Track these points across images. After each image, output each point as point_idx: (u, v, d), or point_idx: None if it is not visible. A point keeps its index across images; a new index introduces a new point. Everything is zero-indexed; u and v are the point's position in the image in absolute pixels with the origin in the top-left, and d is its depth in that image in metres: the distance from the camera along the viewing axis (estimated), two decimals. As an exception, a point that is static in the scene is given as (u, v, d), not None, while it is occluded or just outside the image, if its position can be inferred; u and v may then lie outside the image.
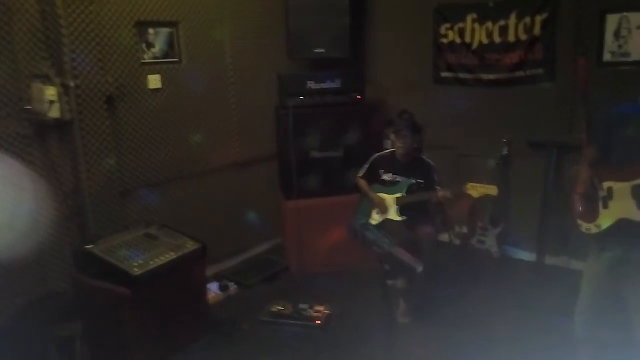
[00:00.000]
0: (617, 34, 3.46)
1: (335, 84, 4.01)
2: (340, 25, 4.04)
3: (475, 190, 3.12)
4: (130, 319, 2.76)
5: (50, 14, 2.89)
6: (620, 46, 3.45)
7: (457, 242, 4.25)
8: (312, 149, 3.98)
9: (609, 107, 2.42)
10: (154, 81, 3.42)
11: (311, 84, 3.98)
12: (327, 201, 3.94)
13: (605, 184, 2.20)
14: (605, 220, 2.20)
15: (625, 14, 3.39)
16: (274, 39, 4.15)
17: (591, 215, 2.25)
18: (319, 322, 3.25)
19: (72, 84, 2.98)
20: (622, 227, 2.14)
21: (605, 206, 2.20)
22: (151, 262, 2.85)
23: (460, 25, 4.11)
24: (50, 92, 2.88)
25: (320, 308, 3.37)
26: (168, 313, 2.92)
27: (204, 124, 3.77)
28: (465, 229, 4.27)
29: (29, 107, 2.86)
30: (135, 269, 2.78)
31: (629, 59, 3.42)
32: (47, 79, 2.90)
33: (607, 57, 3.51)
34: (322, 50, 4.07)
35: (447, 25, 4.19)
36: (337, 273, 3.78)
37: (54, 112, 2.91)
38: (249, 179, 4.19)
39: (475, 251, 4.06)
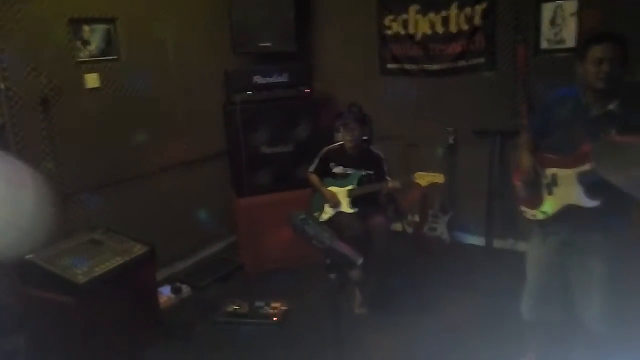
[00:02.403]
0: (552, 22, 3.58)
1: (282, 78, 3.97)
2: (286, 18, 4.00)
3: (423, 179, 3.18)
4: (77, 328, 2.64)
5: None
6: (556, 34, 3.58)
7: (409, 230, 4.31)
8: (262, 144, 3.94)
9: (545, 93, 2.49)
10: (91, 80, 3.28)
11: (258, 79, 3.92)
12: (279, 197, 3.90)
13: (549, 171, 2.22)
14: (551, 206, 2.23)
15: (559, 2, 3.52)
16: (219, 33, 4.06)
17: (536, 202, 2.28)
18: (276, 319, 3.23)
19: (2, 86, 2.82)
20: (568, 212, 2.16)
21: (550, 193, 2.23)
22: (97, 269, 2.74)
23: (404, 16, 4.16)
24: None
25: (277, 305, 3.34)
26: (117, 320, 2.81)
27: (148, 123, 3.64)
28: (417, 218, 4.35)
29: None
30: (80, 277, 2.66)
31: (564, 46, 3.55)
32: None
33: (544, 44, 3.63)
34: (268, 45, 4.03)
35: (391, 16, 4.23)
36: (292, 269, 3.76)
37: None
38: (199, 177, 4.10)
39: (427, 239, 4.14)
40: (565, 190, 2.16)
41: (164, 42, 3.72)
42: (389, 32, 4.28)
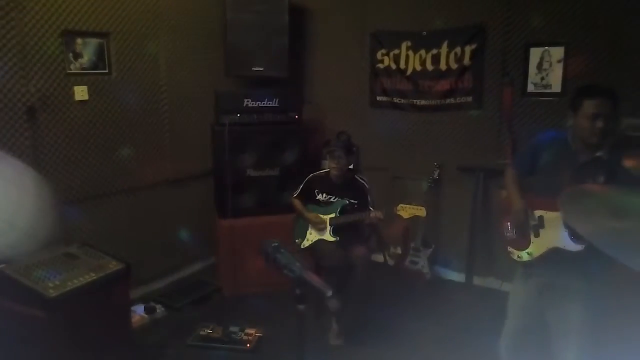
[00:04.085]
0: (539, 67, 3.68)
1: (273, 103, 3.99)
2: (280, 45, 4.05)
3: (405, 211, 3.19)
4: (47, 345, 2.56)
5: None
6: (542, 78, 3.68)
7: (391, 262, 4.30)
8: (248, 167, 3.93)
9: (531, 135, 2.52)
10: (80, 92, 3.26)
11: (248, 102, 3.94)
12: (262, 220, 3.88)
13: (537, 213, 2.22)
14: (537, 248, 2.22)
15: (547, 48, 3.62)
16: (212, 54, 4.10)
17: (522, 243, 2.28)
18: (249, 345, 3.17)
19: (-11, 92, 2.80)
20: (552, 255, 2.16)
21: (537, 235, 2.22)
22: (69, 283, 2.66)
23: (396, 51, 4.24)
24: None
25: (251, 331, 3.28)
26: (88, 337, 2.72)
27: (134, 139, 3.63)
28: (399, 250, 4.34)
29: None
30: (51, 291, 2.59)
31: (550, 90, 3.64)
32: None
33: (530, 87, 3.72)
34: (260, 69, 4.06)
35: (383, 51, 4.31)
36: (270, 294, 3.70)
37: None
38: (182, 196, 4.06)
39: (408, 272, 4.13)
40: (551, 233, 2.16)
41: (156, 59, 3.74)
42: (380, 65, 4.35)
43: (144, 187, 3.75)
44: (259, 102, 3.97)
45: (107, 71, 3.41)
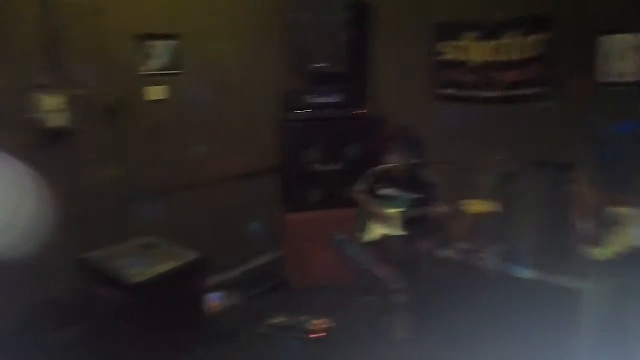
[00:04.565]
0: (613, 55, 3.50)
1: (336, 99, 4.07)
2: (341, 40, 4.10)
3: (472, 206, 3.15)
4: (128, 327, 2.77)
5: (52, 25, 2.96)
6: (616, 67, 3.50)
7: (457, 258, 4.25)
8: (313, 162, 4.02)
9: (606, 127, 2.42)
10: (155, 92, 3.49)
11: (313, 98, 4.03)
12: (328, 214, 3.96)
13: (614, 209, 2.14)
14: (613, 246, 2.14)
15: (620, 35, 3.45)
16: (276, 52, 4.21)
17: (597, 240, 2.19)
18: (319, 335, 3.24)
19: (73, 94, 3.04)
20: (629, 254, 2.08)
21: (613, 232, 2.13)
22: (150, 271, 2.88)
23: (460, 42, 4.17)
24: (51, 102, 2.94)
25: (320, 322, 3.35)
26: (166, 322, 2.93)
27: (206, 136, 3.82)
28: (466, 246, 4.28)
29: (31, 117, 2.91)
30: (134, 277, 2.80)
31: (625, 80, 3.46)
32: (48, 89, 2.96)
33: (604, 77, 3.55)
34: (323, 65, 4.13)
35: (447, 42, 4.25)
36: (336, 287, 3.77)
37: (55, 122, 2.97)
38: (251, 190, 4.22)
39: (475, 268, 4.06)
40: (629, 231, 2.07)
41: (224, 58, 3.91)
42: (443, 57, 4.30)
43: (215, 182, 3.93)
44: (323, 98, 4.06)
45: (178, 72, 3.61)
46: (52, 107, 2.92)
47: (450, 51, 4.25)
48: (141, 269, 2.87)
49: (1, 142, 2.77)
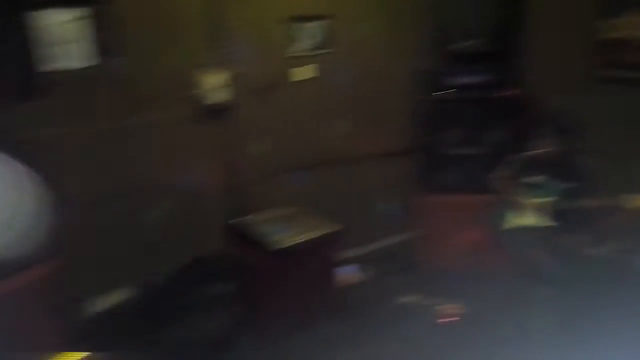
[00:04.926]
0: None
1: (482, 79, 3.88)
2: (491, 17, 3.89)
3: (633, 202, 2.84)
4: (271, 288, 3.01)
5: (214, 8, 3.24)
6: None
7: (611, 257, 3.86)
8: (453, 144, 3.91)
9: None
10: (303, 72, 3.66)
11: (456, 78, 3.90)
12: (464, 199, 3.84)
13: None
14: None
15: None
16: (420, 31, 4.14)
17: None
18: (450, 320, 3.21)
19: (231, 73, 3.31)
20: None
21: None
22: (293, 239, 3.07)
23: (627, 19, 3.71)
24: (214, 79, 3.24)
25: (452, 306, 3.32)
26: (303, 288, 3.12)
27: (349, 114, 3.92)
28: (621, 244, 3.87)
29: (195, 93, 3.24)
30: (277, 244, 3.02)
31: None
32: (212, 68, 3.26)
33: None
34: (470, 43, 3.96)
35: (613, 19, 3.81)
36: (468, 272, 3.68)
37: (216, 98, 3.27)
38: (387, 170, 4.25)
39: (630, 269, 3.66)
40: None
41: (369, 38, 3.94)
42: (607, 35, 3.86)
43: (354, 159, 4.03)
44: (468, 78, 3.90)
45: (327, 51, 3.74)
46: (212, 85, 3.22)
47: (615, 28, 3.81)
48: (284, 236, 3.08)
49: (168, 116, 3.17)
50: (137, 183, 3.09)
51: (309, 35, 3.66)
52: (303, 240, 3.09)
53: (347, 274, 3.76)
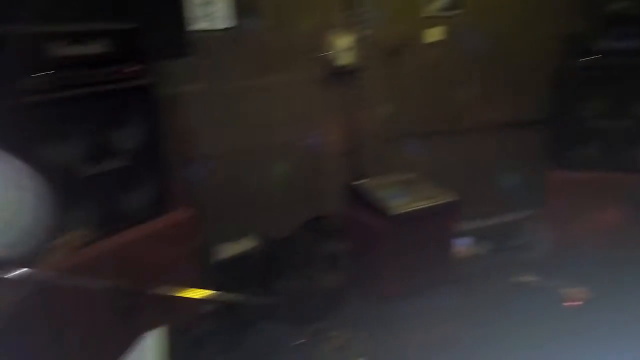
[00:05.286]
0: None
1: (635, 45, 3.45)
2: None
3: None
4: (385, 252, 3.04)
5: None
6: None
7: None
8: (594, 117, 3.55)
9: None
10: (434, 34, 3.52)
11: (604, 43, 3.49)
12: (603, 177, 3.49)
13: None
14: None
15: None
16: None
17: None
18: (574, 303, 3.00)
19: (362, 34, 3.30)
20: None
21: None
22: (409, 205, 3.05)
23: None
24: (344, 41, 3.26)
25: (574, 289, 3.09)
26: (417, 255, 3.10)
27: (477, 80, 3.72)
28: None
29: (324, 54, 3.28)
30: (395, 209, 3.02)
31: None
32: (342, 29, 3.27)
33: None
34: (622, 5, 3.53)
35: None
36: (599, 256, 3.36)
37: (347, 59, 3.29)
38: (515, 141, 3.99)
39: None
40: None
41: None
42: None
43: (479, 128, 3.85)
44: (618, 43, 3.48)
45: (459, 12, 3.56)
46: (342, 46, 3.24)
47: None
48: (401, 201, 3.07)
49: (299, 76, 3.26)
50: (265, 140, 3.25)
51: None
52: (421, 207, 3.05)
53: (463, 246, 3.66)
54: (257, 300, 2.69)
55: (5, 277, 1.40)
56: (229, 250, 3.20)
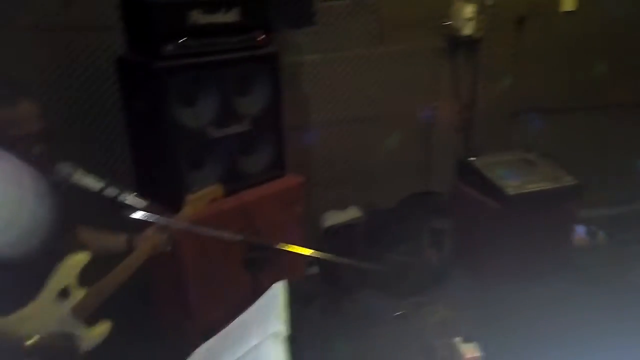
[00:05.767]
0: None
1: None
2: None
3: None
4: (496, 233, 2.93)
5: None
6: None
7: None
8: None
9: None
10: (568, 3, 3.24)
11: None
12: None
13: None
14: None
15: None
16: None
17: None
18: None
19: (489, 2, 3.12)
20: None
21: None
22: (526, 187, 2.91)
23: None
24: (469, 10, 3.11)
25: None
26: (530, 239, 2.96)
27: (613, 54, 3.39)
28: None
29: (448, 24, 3.16)
30: (510, 189, 2.89)
31: None
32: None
33: None
34: None
35: None
36: None
37: (468, 30, 3.15)
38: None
39: None
40: None
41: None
42: None
43: (605, 108, 3.54)
44: None
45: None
46: (468, 15, 3.10)
47: None
48: (518, 182, 2.93)
49: (417, 46, 3.18)
50: (379, 110, 3.23)
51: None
52: (539, 189, 2.89)
53: (580, 235, 3.42)
54: (361, 268, 2.74)
55: (156, 222, 1.60)
56: (334, 218, 3.27)
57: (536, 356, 2.48)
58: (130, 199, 1.53)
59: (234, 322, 1.35)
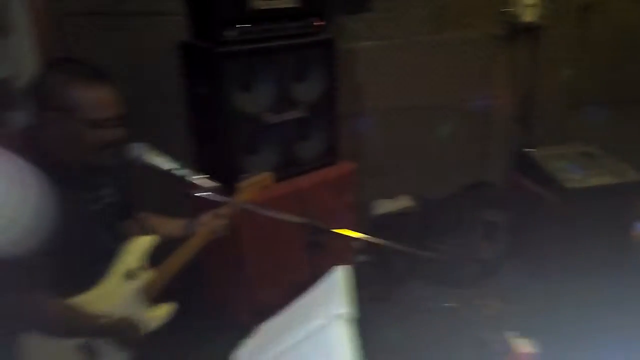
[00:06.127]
0: None
1: None
2: None
3: None
4: (553, 227, 2.84)
5: None
6: None
7: None
8: None
9: None
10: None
11: None
12: None
13: None
14: None
15: None
16: None
17: None
18: None
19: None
20: None
21: None
22: (588, 181, 2.81)
23: None
24: (529, -4, 3.00)
25: None
26: (590, 234, 2.86)
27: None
28: None
29: (508, 10, 3.06)
30: (569, 182, 2.80)
31: None
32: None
33: None
34: None
35: None
36: None
37: (529, 17, 3.04)
38: None
39: None
40: None
41: None
42: None
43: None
44: None
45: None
46: (529, 1, 2.99)
47: None
48: (577, 175, 2.83)
49: (477, 32, 3.09)
50: (435, 98, 3.17)
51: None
52: (601, 184, 2.78)
53: (639, 231, 3.27)
54: (413, 257, 2.72)
55: (221, 201, 1.65)
56: (385, 207, 3.25)
57: (593, 352, 2.40)
58: (200, 180, 1.57)
59: (294, 303, 1.36)
